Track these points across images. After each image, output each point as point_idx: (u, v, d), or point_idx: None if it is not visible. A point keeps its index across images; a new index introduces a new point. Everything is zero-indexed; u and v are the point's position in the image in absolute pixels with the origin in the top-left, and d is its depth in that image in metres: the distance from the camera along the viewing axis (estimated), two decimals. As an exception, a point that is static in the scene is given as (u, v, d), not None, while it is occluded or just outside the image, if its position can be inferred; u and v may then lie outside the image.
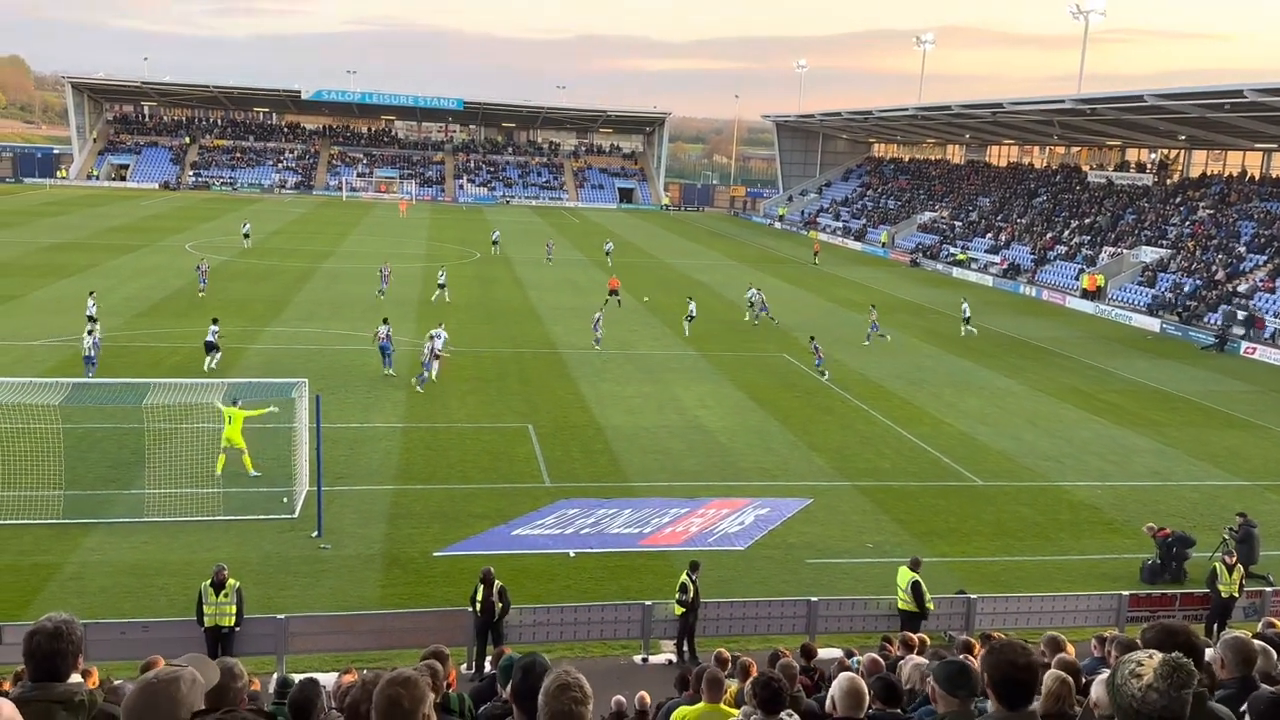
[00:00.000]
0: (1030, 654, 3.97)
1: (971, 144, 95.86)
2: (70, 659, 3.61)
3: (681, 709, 7.65)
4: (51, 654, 3.58)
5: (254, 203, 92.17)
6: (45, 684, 3.53)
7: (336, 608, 16.23)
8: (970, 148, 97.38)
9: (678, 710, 7.62)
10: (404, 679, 3.37)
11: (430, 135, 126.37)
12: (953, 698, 4.50)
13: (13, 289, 42.64)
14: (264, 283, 47.77)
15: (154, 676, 3.10)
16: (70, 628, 3.67)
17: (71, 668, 3.62)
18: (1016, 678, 3.87)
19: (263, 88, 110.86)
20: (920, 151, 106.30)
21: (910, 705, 6.86)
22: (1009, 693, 3.87)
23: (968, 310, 45.60)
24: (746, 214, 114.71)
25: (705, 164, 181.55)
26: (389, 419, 27.02)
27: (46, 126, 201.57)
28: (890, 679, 6.80)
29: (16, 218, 70.31)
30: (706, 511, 21.60)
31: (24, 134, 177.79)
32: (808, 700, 7.49)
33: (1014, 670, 3.87)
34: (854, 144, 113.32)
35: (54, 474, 20.59)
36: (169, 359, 31.80)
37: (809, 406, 30.65)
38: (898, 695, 6.50)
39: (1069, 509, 23.13)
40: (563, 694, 3.36)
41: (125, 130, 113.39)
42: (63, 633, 3.63)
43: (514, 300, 47.21)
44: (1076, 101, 60.87)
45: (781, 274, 62.61)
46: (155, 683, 3.07)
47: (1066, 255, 63.93)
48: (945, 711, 4.57)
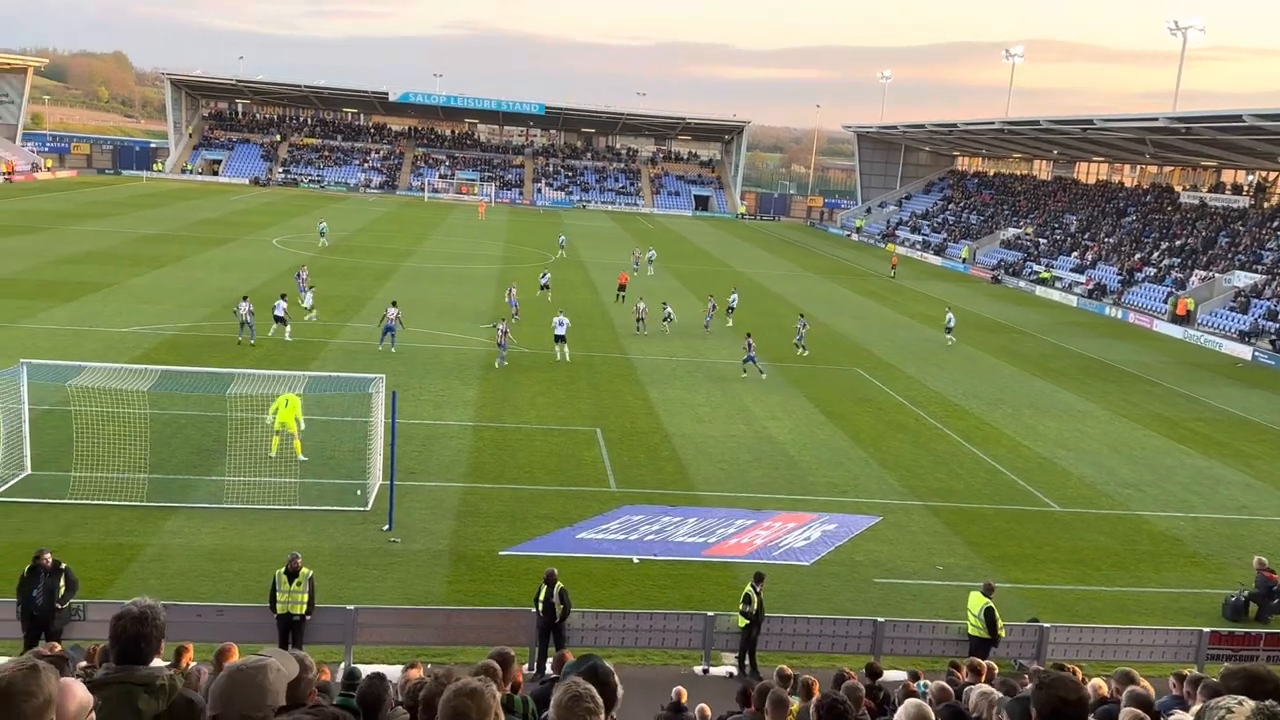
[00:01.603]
0: (1081, 690, 3.86)
1: (1059, 160, 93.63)
2: (154, 643, 3.72)
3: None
4: (136, 638, 3.69)
5: (340, 201, 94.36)
6: (128, 667, 3.63)
7: (404, 601, 16.48)
8: (1058, 164, 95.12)
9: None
10: (470, 690, 3.37)
11: (511, 139, 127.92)
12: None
13: (107, 277, 44.28)
14: (347, 280, 48.84)
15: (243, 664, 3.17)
16: (154, 613, 3.78)
17: (154, 652, 3.72)
18: (1065, 713, 3.77)
19: (352, 88, 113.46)
20: (1005, 166, 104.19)
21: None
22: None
23: (952, 320, 44.78)
24: (823, 225, 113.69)
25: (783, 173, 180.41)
26: (460, 418, 27.38)
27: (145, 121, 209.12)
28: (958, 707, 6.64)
29: (114, 208, 73.04)
30: (773, 524, 21.42)
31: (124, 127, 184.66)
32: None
33: (1063, 706, 3.77)
34: (936, 156, 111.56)
35: (140, 458, 21.30)
36: (253, 351, 32.68)
37: (881, 422, 30.22)
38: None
39: (1149, 539, 22.41)
40: (576, 705, 3.32)
41: (219, 126, 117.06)
42: (148, 617, 3.74)
43: (586, 303, 47.47)
44: (1171, 120, 59.05)
45: (858, 286, 61.89)
46: (244, 670, 3.14)
47: (1155, 277, 62.03)
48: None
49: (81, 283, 42.41)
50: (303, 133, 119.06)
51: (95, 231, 59.55)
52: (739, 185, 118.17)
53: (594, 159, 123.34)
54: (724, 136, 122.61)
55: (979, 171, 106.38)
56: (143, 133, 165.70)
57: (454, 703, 3.29)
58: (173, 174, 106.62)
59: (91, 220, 64.89)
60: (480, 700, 3.32)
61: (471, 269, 55.35)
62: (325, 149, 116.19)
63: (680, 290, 53.31)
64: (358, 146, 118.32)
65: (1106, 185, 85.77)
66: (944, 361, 40.14)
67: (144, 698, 3.49)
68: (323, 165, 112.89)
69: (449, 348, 35.25)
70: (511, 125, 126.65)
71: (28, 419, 20.88)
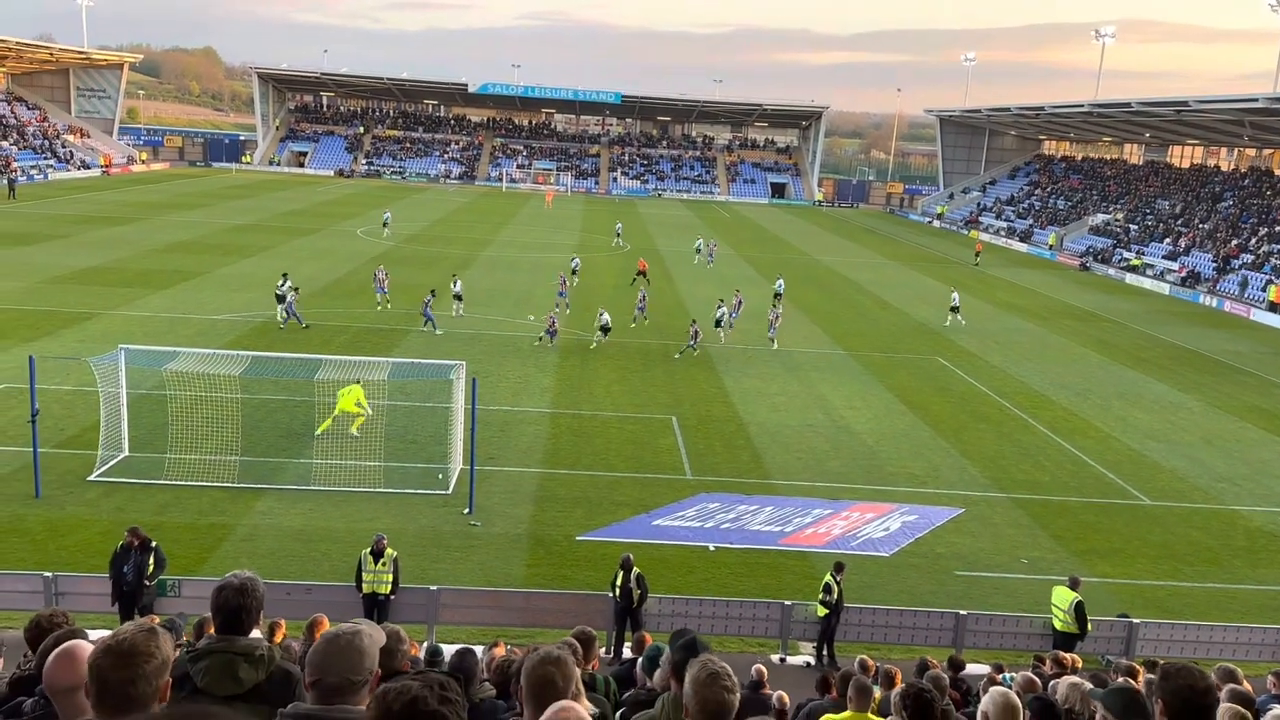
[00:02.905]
0: (1209, 679, 3.74)
1: (1151, 143, 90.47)
2: (254, 614, 3.84)
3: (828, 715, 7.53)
4: (237, 609, 3.81)
5: (420, 192, 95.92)
6: (229, 637, 3.76)
7: (484, 583, 16.75)
8: (1150, 147, 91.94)
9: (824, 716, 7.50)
10: (555, 658, 3.48)
11: (587, 128, 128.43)
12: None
13: (199, 266, 45.75)
14: (428, 269, 49.64)
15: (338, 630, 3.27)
16: (255, 584, 3.91)
17: (254, 623, 3.85)
18: (1196, 703, 3.65)
19: (432, 80, 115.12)
20: (1094, 150, 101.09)
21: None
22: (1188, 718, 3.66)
23: (957, 299, 44.03)
24: (903, 211, 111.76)
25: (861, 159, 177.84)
26: (538, 404, 27.66)
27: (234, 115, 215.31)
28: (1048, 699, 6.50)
29: (205, 199, 75.41)
30: (850, 514, 21.20)
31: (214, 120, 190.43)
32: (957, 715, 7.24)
33: (1193, 695, 3.65)
34: (1022, 140, 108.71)
35: (231, 440, 22.00)
36: (339, 337, 33.46)
37: (963, 413, 29.65)
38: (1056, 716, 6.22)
39: (1245, 535, 21.59)
40: (714, 682, 3.37)
41: (305, 119, 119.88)
42: (248, 589, 3.86)
43: (662, 292, 47.47)
44: (1271, 100, 56.54)
45: (940, 274, 60.71)
46: (341, 635, 3.24)
47: (1253, 264, 59.57)
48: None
49: (175, 271, 43.90)
50: (385, 124, 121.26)
51: (188, 222, 61.56)
52: (816, 172, 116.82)
53: (669, 147, 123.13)
54: (801, 122, 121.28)
55: (1066, 156, 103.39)
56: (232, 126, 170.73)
57: (539, 670, 3.39)
58: (261, 166, 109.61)
59: (184, 211, 67.10)
60: (564, 667, 3.42)
61: (548, 258, 55.78)
62: (406, 140, 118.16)
63: (755, 278, 52.95)
64: (438, 138, 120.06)
65: (1201, 169, 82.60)
66: (1031, 351, 39.16)
67: (244, 667, 3.60)
68: (404, 157, 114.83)
69: (525, 335, 35.60)
70: (588, 115, 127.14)
71: (125, 403, 21.70)
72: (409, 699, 2.35)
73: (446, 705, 2.37)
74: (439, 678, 2.43)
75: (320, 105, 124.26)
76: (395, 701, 2.35)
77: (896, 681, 9.05)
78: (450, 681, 2.44)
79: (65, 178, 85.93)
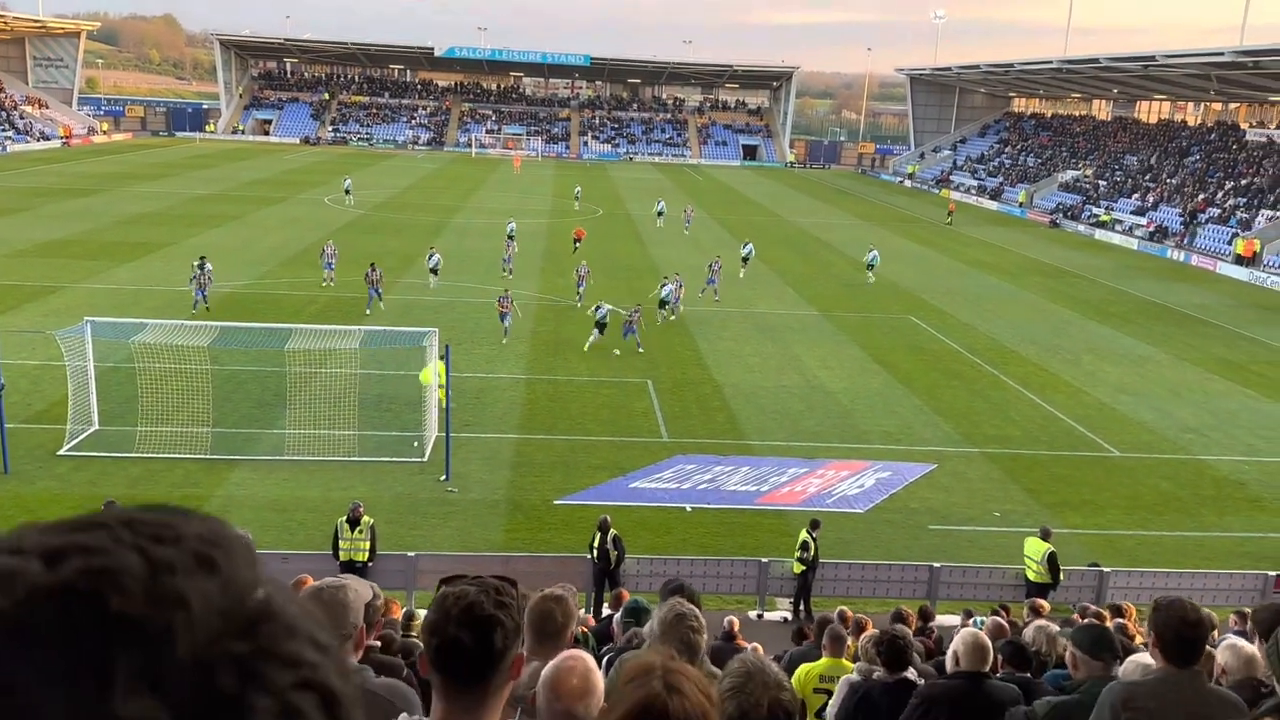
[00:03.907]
0: (1200, 612, 3.83)
1: (1119, 99, 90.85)
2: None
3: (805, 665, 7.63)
4: None
5: (388, 158, 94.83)
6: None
7: (462, 548, 16.78)
8: (1118, 103, 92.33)
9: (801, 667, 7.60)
10: (558, 596, 3.68)
11: (557, 92, 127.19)
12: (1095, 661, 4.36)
13: (165, 237, 45.09)
14: (398, 236, 49.22)
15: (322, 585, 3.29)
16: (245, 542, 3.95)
17: None
18: (1187, 635, 3.75)
19: (397, 45, 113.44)
20: (1063, 107, 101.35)
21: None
22: (1179, 650, 3.75)
23: (876, 258, 43.43)
24: (874, 172, 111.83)
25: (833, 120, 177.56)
26: (513, 370, 27.59)
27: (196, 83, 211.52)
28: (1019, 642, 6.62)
29: (169, 169, 74.19)
30: (825, 472, 21.38)
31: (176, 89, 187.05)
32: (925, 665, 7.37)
33: (1185, 627, 3.75)
34: (992, 98, 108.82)
35: (203, 412, 21.82)
36: (309, 307, 33.15)
37: (935, 370, 29.89)
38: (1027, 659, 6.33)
39: (1212, 484, 21.99)
40: (680, 623, 3.51)
41: (269, 86, 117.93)
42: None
43: (634, 256, 47.35)
44: (1238, 54, 56.88)
45: (913, 234, 60.92)
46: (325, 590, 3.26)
47: (1220, 218, 60.20)
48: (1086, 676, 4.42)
49: (140, 243, 43.25)
50: (350, 90, 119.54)
51: (152, 193, 60.59)
52: (788, 133, 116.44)
53: (640, 110, 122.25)
54: (772, 83, 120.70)
55: (1036, 113, 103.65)
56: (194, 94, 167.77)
57: (542, 605, 3.58)
58: (225, 135, 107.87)
59: (148, 182, 66.01)
60: (564, 605, 3.64)
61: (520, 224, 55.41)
62: (373, 107, 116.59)
63: (728, 241, 52.92)
64: (405, 103, 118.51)
65: (1169, 125, 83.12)
66: (1001, 308, 39.47)
67: None
68: (371, 123, 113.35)
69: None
70: (557, 78, 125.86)
71: (93, 376, 21.44)
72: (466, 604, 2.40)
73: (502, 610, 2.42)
74: (495, 582, 2.47)
75: (284, 72, 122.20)
76: (454, 606, 2.39)
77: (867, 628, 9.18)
78: (506, 586, 2.48)
79: (24, 150, 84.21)
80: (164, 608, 0.63)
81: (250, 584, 0.69)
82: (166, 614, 0.63)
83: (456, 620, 2.38)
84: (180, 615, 0.63)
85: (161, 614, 0.63)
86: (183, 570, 0.66)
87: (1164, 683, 3.72)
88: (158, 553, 0.66)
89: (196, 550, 0.68)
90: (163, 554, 0.66)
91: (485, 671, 2.42)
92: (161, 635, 0.62)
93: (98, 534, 0.67)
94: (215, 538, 0.71)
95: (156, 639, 0.62)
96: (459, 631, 2.36)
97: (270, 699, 0.64)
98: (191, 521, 0.72)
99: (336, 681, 0.68)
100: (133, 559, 0.65)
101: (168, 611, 0.63)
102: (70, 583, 0.63)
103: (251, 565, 0.71)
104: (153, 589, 0.64)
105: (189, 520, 0.72)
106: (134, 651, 0.61)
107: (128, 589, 0.63)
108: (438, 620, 2.39)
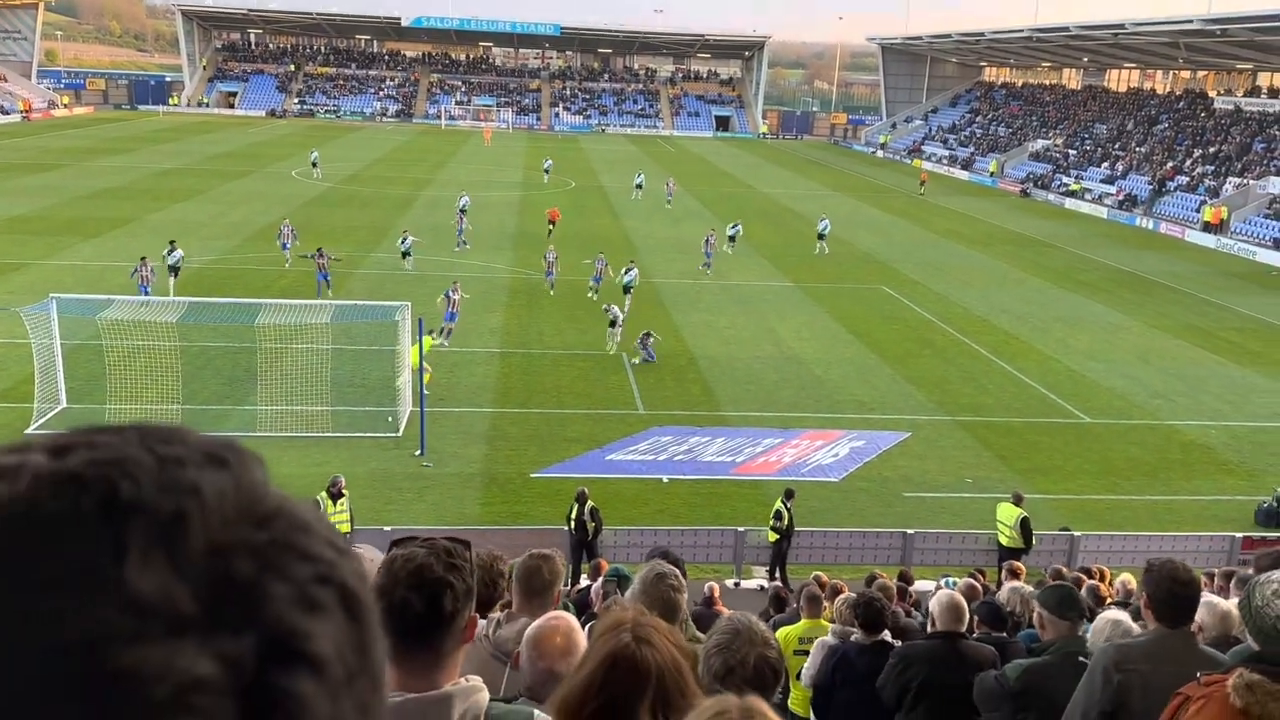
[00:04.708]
0: (1191, 573, 3.88)
1: (1089, 68, 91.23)
2: None
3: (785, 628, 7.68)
4: None
5: (356, 130, 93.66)
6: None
7: (439, 523, 16.74)
8: (1088, 72, 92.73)
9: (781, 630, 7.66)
10: (544, 554, 3.81)
11: (527, 62, 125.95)
12: (1062, 621, 4.41)
13: (130, 212, 44.36)
14: (367, 209, 48.70)
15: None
16: None
17: None
18: (1179, 594, 3.79)
19: (363, 14, 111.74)
20: (1034, 76, 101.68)
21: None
22: (1171, 610, 3.78)
23: (827, 226, 43.12)
24: (847, 142, 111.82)
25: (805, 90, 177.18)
26: (487, 344, 27.46)
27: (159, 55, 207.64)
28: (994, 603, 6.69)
29: (132, 143, 72.89)
30: (800, 442, 21.48)
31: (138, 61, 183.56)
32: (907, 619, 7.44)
33: (1177, 587, 3.79)
34: (963, 68, 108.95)
35: (173, 389, 21.56)
36: (279, 281, 32.79)
37: (908, 339, 30.05)
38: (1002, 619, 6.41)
39: (1180, 449, 22.32)
40: (660, 581, 3.55)
41: (233, 58, 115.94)
42: None
43: (608, 230, 47.13)
44: (1206, 21, 57.24)
45: (885, 205, 61.05)
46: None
47: (1188, 186, 60.76)
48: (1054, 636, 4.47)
49: (105, 218, 42.53)
50: (316, 62, 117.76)
51: (115, 167, 59.54)
52: (760, 104, 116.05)
53: (611, 80, 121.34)
54: (744, 53, 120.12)
55: (1007, 82, 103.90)
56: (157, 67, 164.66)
57: (529, 562, 3.70)
58: (189, 108, 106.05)
59: (111, 156, 64.84)
60: (551, 563, 3.74)
61: (491, 195, 55.00)
62: (340, 78, 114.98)
63: (703, 213, 52.80)
64: (372, 75, 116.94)
65: (1138, 93, 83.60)
66: (973, 278, 39.71)
67: None
68: (338, 95, 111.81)
69: (472, 275, 35.20)
70: (527, 48, 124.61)
71: (60, 353, 21.12)
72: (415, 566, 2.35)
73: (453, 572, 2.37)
74: (445, 544, 2.43)
75: (248, 43, 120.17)
76: (402, 569, 2.35)
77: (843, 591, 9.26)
78: (457, 547, 2.44)
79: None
80: (176, 495, 0.62)
81: (263, 484, 0.68)
82: (179, 500, 0.62)
83: (405, 583, 2.33)
84: (193, 501, 0.62)
85: (174, 500, 0.61)
86: (193, 464, 0.64)
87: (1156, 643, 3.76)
88: (166, 450, 0.65)
89: (207, 449, 0.67)
90: (172, 451, 0.65)
91: (435, 634, 2.37)
92: (175, 519, 0.61)
93: (105, 434, 0.66)
94: (225, 443, 0.69)
95: (170, 523, 0.60)
96: (407, 594, 2.32)
97: (289, 587, 0.62)
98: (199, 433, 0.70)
99: (354, 582, 0.66)
100: (141, 452, 0.64)
101: (181, 498, 0.62)
102: (77, 471, 0.62)
103: (263, 470, 0.70)
104: (163, 478, 0.62)
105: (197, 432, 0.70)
106: (148, 533, 0.60)
107: (137, 477, 0.61)
108: (386, 583, 2.35)
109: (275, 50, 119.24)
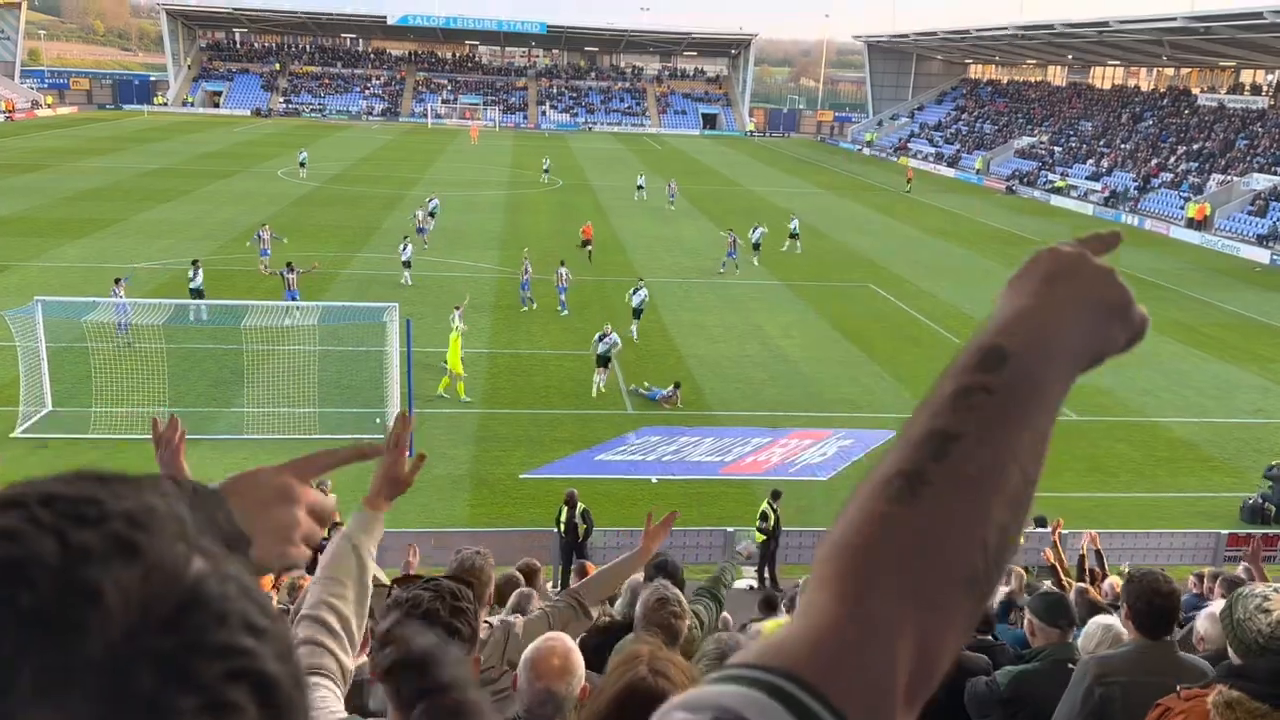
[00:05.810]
0: (1172, 583, 3.91)
1: (1074, 65, 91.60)
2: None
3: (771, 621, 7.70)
4: None
5: (342, 129, 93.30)
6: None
7: (428, 525, 16.71)
8: (1072, 69, 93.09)
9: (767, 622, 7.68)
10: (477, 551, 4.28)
11: (514, 61, 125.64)
12: (1052, 629, 4.43)
13: (115, 213, 44.10)
14: (354, 208, 48.54)
15: None
16: None
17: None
18: (1160, 605, 3.82)
19: (349, 13, 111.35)
20: (1019, 73, 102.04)
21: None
22: (1152, 621, 3.81)
23: (796, 226, 42.90)
24: (833, 140, 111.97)
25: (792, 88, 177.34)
26: (475, 345, 27.37)
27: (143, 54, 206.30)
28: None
29: (117, 143, 72.44)
30: (788, 441, 21.53)
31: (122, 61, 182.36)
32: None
33: (1158, 598, 3.82)
34: (949, 65, 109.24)
35: (159, 391, 21.46)
36: (264, 283, 32.62)
37: (896, 337, 30.14)
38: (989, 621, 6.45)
39: (1166, 445, 22.46)
40: (662, 607, 3.50)
41: (218, 57, 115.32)
42: None
43: (596, 229, 47.03)
44: (1189, 19, 57.56)
45: (872, 202, 61.17)
46: None
47: (1172, 183, 61.11)
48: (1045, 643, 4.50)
49: (90, 219, 42.26)
50: (302, 61, 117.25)
51: (100, 167, 59.16)
52: (747, 102, 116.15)
53: (598, 79, 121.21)
54: (731, 51, 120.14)
55: (992, 80, 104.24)
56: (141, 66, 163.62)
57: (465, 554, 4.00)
58: (174, 107, 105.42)
59: (96, 156, 64.42)
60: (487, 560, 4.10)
61: (479, 195, 54.91)
62: (325, 77, 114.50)
63: (692, 211, 52.81)
64: (358, 73, 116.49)
65: (1122, 90, 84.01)
66: (960, 275, 39.83)
67: None
68: (323, 94, 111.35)
69: (460, 275, 35.15)
70: (513, 46, 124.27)
71: (45, 356, 21.00)
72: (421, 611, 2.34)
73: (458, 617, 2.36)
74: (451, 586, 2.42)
75: (233, 42, 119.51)
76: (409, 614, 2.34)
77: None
78: (463, 590, 2.43)
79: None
80: (76, 602, 0.57)
81: (180, 565, 0.62)
82: (78, 610, 0.57)
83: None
84: (94, 611, 0.57)
85: (72, 610, 0.57)
86: (100, 557, 0.59)
87: (1137, 654, 3.80)
88: (75, 537, 0.60)
89: (118, 533, 0.61)
90: (80, 539, 0.60)
91: None
92: (72, 633, 0.56)
93: (12, 515, 0.61)
94: (143, 514, 0.64)
95: (66, 637, 0.56)
96: None
97: (195, 696, 0.58)
98: (121, 494, 0.65)
99: (273, 666, 0.62)
100: (48, 544, 0.59)
101: (79, 607, 0.57)
102: None
103: (183, 540, 0.64)
104: (65, 581, 0.57)
105: (118, 493, 0.65)
106: (42, 652, 0.55)
107: (37, 582, 0.57)
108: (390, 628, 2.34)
109: (260, 49, 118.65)
